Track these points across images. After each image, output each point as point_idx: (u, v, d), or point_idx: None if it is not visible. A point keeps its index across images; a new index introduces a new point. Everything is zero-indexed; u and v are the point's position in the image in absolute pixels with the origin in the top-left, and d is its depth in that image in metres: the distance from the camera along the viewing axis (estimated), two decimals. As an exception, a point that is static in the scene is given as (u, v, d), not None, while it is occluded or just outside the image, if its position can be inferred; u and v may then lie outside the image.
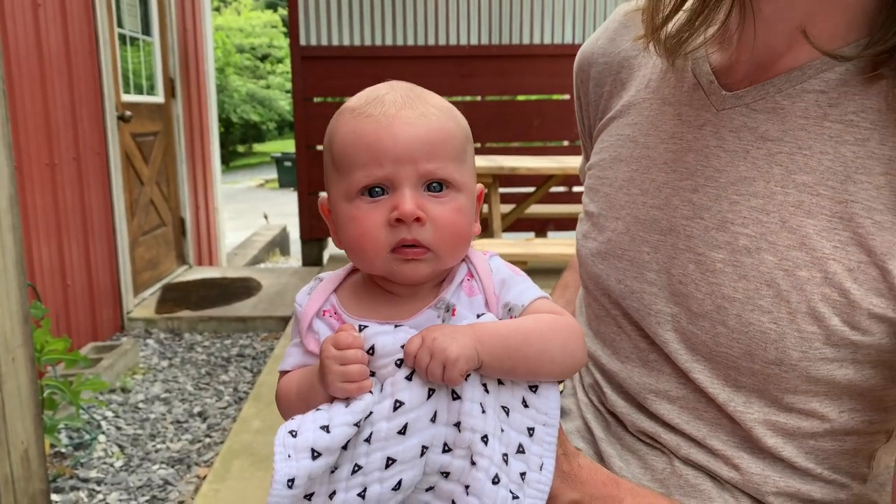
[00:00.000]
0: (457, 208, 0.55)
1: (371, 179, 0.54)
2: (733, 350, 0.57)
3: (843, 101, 0.55)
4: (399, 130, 0.53)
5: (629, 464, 0.65)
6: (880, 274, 0.52)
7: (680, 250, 0.61)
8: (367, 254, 0.55)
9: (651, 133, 0.66)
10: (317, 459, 0.49)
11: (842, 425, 0.57)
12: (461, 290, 0.57)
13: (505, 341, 0.52)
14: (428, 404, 0.51)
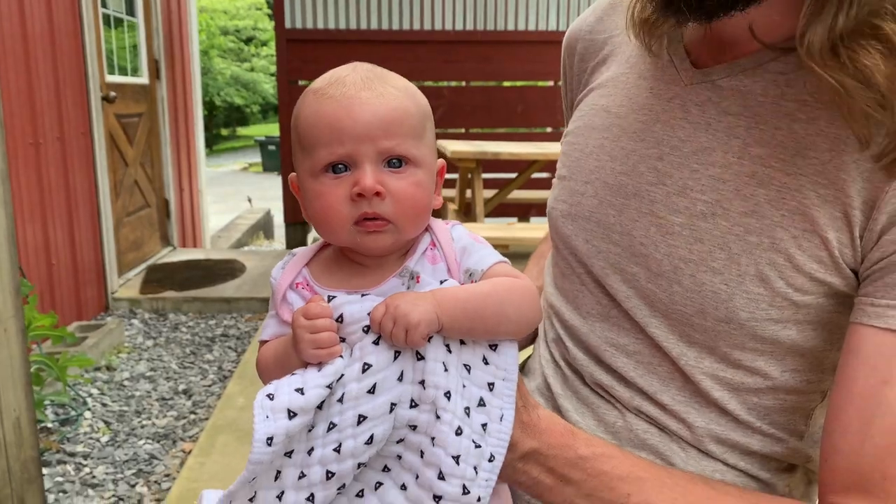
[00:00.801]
0: (415, 182, 0.59)
1: (333, 157, 0.58)
2: (687, 308, 0.62)
3: (799, 82, 0.60)
4: (358, 110, 0.57)
5: (584, 416, 0.71)
6: (821, 242, 0.57)
7: (643, 213, 0.66)
8: (331, 226, 0.59)
9: (624, 104, 0.71)
10: (293, 419, 0.54)
11: (783, 384, 0.63)
12: (424, 258, 0.61)
13: (464, 305, 0.57)
14: (394, 365, 0.56)
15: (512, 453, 0.60)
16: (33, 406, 1.36)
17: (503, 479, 0.62)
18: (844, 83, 0.52)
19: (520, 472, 0.61)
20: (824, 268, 0.57)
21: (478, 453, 0.57)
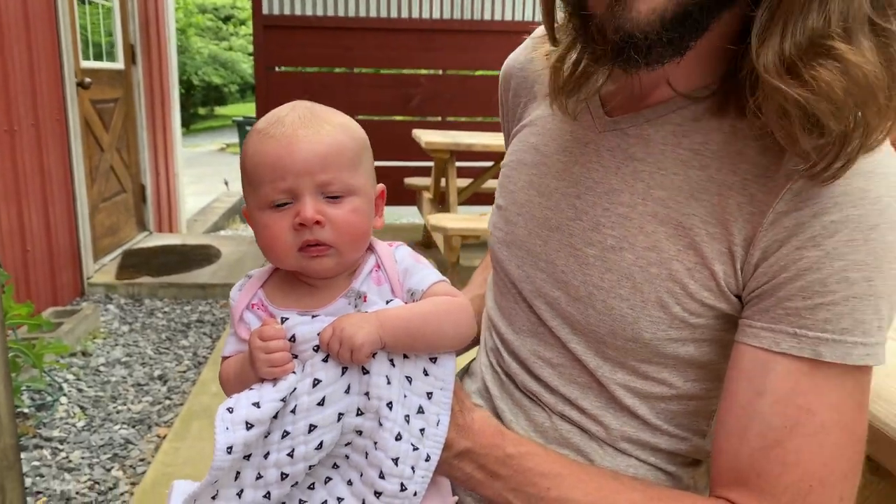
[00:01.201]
0: (353, 210, 0.66)
1: (277, 192, 0.65)
2: (600, 328, 0.71)
3: (694, 133, 0.68)
4: (296, 148, 0.64)
5: (517, 417, 0.79)
6: (710, 274, 0.65)
7: (563, 245, 0.74)
8: (278, 254, 0.66)
9: (549, 144, 0.79)
10: (250, 430, 0.61)
11: (685, 392, 0.72)
12: (370, 279, 0.69)
13: (405, 324, 0.64)
14: (342, 380, 0.63)
15: (448, 452, 0.68)
16: (12, 395, 1.42)
17: (440, 474, 0.70)
18: (807, 99, 0.56)
19: (455, 468, 0.70)
20: (713, 295, 0.66)
21: (415, 455, 0.65)
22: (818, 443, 0.61)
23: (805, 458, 0.61)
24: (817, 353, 0.60)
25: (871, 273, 0.59)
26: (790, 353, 0.61)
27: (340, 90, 5.28)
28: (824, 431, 0.61)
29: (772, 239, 0.61)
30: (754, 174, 0.63)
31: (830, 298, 0.59)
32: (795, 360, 0.61)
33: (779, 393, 0.62)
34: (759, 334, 0.63)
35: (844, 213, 0.59)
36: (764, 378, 0.62)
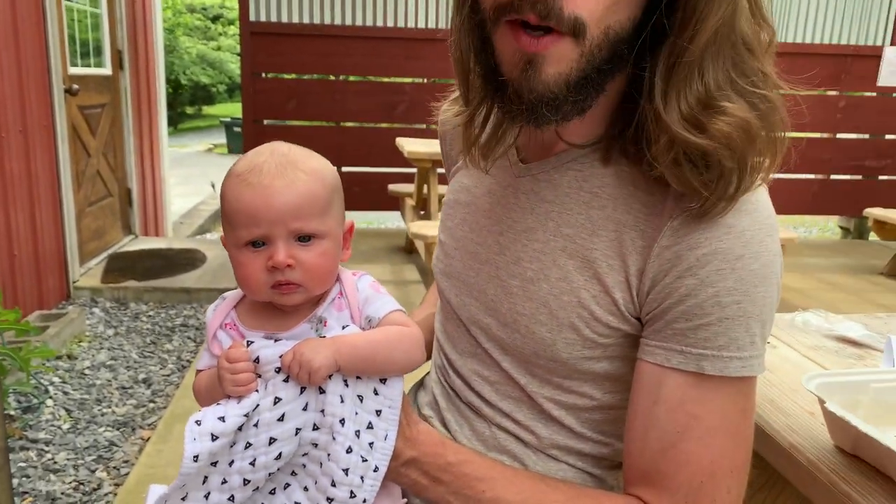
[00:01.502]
0: (321, 252, 0.74)
1: (252, 236, 0.72)
2: (525, 350, 0.80)
3: (592, 178, 0.77)
4: (272, 199, 0.71)
5: (462, 427, 0.88)
6: (612, 301, 0.74)
7: (492, 277, 0.83)
8: (251, 289, 0.75)
9: (479, 187, 0.88)
10: (215, 441, 0.69)
11: (605, 402, 0.81)
12: (332, 306, 0.77)
13: (359, 351, 0.72)
14: (300, 398, 0.72)
15: (396, 461, 0.77)
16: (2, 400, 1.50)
17: (390, 481, 0.79)
18: (711, 146, 0.66)
19: (402, 475, 0.78)
20: (617, 319, 0.75)
21: (365, 466, 0.74)
22: (706, 444, 0.71)
23: (695, 457, 0.71)
24: (700, 367, 0.70)
25: (740, 297, 0.68)
26: (679, 367, 0.71)
27: (326, 97, 5.36)
28: (710, 434, 0.71)
29: (658, 269, 0.71)
30: (644, 213, 0.73)
31: (707, 320, 0.69)
32: (683, 374, 0.71)
33: (671, 402, 0.71)
34: (653, 352, 0.73)
35: (714, 247, 0.69)
36: (659, 390, 0.72)
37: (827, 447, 0.82)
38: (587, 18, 0.64)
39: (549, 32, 0.64)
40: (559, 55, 0.65)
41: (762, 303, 0.70)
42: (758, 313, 0.70)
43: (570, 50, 0.65)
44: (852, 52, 5.76)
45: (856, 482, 0.75)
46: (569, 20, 0.63)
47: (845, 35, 5.76)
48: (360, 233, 5.83)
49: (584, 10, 0.63)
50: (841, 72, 5.78)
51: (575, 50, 0.65)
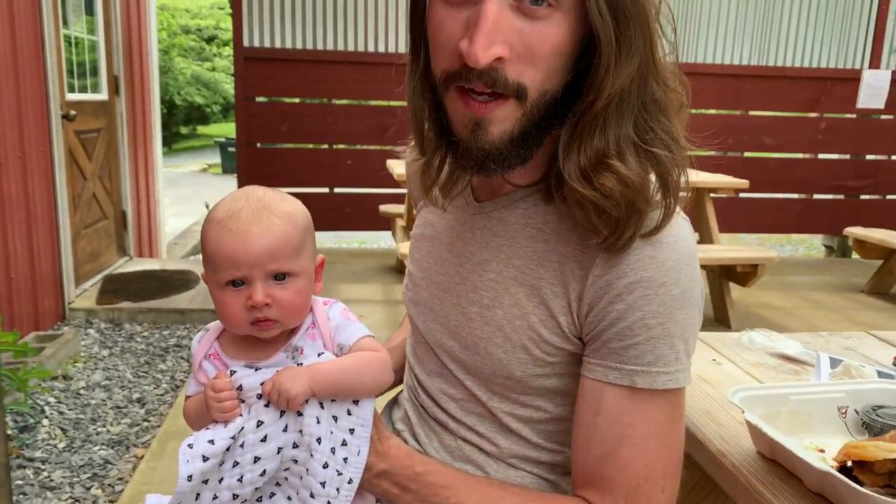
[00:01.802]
0: (295, 290, 0.83)
1: (232, 277, 0.81)
2: (484, 370, 0.89)
3: (536, 215, 0.87)
4: (250, 244, 0.79)
5: (431, 440, 0.97)
6: (557, 324, 0.84)
7: (454, 304, 0.93)
8: (233, 326, 0.84)
9: (441, 223, 0.98)
10: (206, 462, 0.77)
11: (558, 414, 0.90)
12: (306, 336, 0.85)
13: (332, 377, 0.81)
14: (281, 421, 0.80)
15: (369, 473, 0.86)
16: (4, 419, 1.58)
17: (364, 491, 0.88)
18: (597, 197, 0.77)
19: (375, 486, 0.87)
20: (562, 340, 0.85)
21: (340, 479, 0.82)
22: (641, 450, 0.80)
23: (632, 462, 0.80)
24: (633, 381, 0.79)
25: (664, 319, 0.78)
26: (615, 382, 0.80)
27: (318, 120, 5.47)
28: (645, 441, 0.80)
29: (593, 296, 0.81)
30: (581, 246, 0.83)
31: (636, 340, 0.79)
32: (619, 388, 0.80)
33: (609, 413, 0.81)
34: (593, 369, 0.82)
35: (639, 275, 0.78)
36: (599, 402, 0.82)
37: (750, 453, 0.92)
38: (529, 84, 0.74)
39: (494, 97, 0.75)
40: (503, 116, 0.76)
41: (684, 323, 0.80)
42: (680, 332, 0.79)
43: (514, 110, 0.76)
44: (832, 75, 5.92)
45: (771, 483, 0.85)
46: (513, 85, 0.74)
47: (825, 59, 5.92)
48: (353, 253, 5.93)
49: (525, 77, 0.74)
50: (821, 94, 5.93)
51: (518, 110, 0.76)
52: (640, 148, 0.78)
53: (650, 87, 0.78)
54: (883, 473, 0.76)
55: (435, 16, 0.77)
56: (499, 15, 0.71)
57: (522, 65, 0.73)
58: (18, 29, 3.40)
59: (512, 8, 0.72)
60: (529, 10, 0.72)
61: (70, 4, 4.12)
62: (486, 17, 0.71)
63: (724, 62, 5.82)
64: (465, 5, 0.74)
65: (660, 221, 0.79)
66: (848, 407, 0.94)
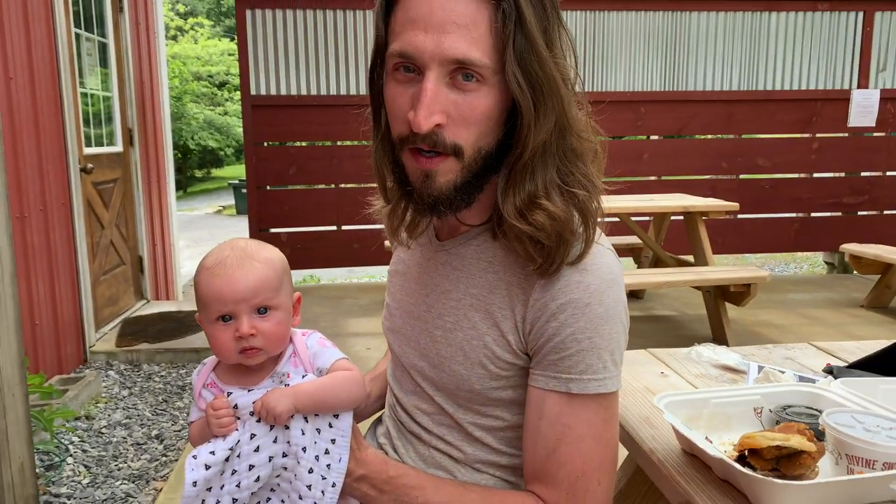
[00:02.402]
0: (276, 322, 0.98)
1: (221, 313, 0.95)
2: (449, 385, 1.03)
3: (486, 250, 1.02)
4: (235, 285, 0.94)
5: (408, 450, 1.11)
6: (507, 343, 0.98)
7: (422, 330, 1.07)
8: (224, 356, 0.98)
9: (411, 259, 1.14)
10: (208, 470, 0.92)
11: (515, 422, 1.03)
12: (290, 363, 1.00)
13: (312, 395, 0.95)
14: (271, 433, 0.95)
15: (349, 478, 0.99)
16: (33, 454, 1.74)
17: (346, 494, 1.03)
18: (532, 231, 0.92)
19: (355, 489, 1.01)
20: (512, 356, 0.99)
21: (324, 483, 0.96)
22: (577, 448, 0.94)
23: (570, 458, 0.95)
24: (568, 388, 0.94)
25: (591, 334, 0.93)
26: (554, 389, 0.95)
27: (324, 162, 5.69)
28: (580, 440, 0.94)
29: (533, 316, 0.96)
30: (523, 275, 0.98)
31: (568, 353, 0.93)
32: (557, 394, 0.95)
33: (550, 417, 0.95)
34: (536, 379, 0.97)
35: (568, 297, 0.93)
36: (541, 407, 0.96)
37: (676, 451, 1.06)
38: (463, 144, 0.91)
39: (437, 155, 0.91)
40: (446, 169, 0.92)
41: (609, 337, 0.94)
42: (606, 345, 0.94)
43: (454, 165, 0.92)
44: (821, 96, 6.07)
45: (687, 474, 0.99)
46: (450, 145, 0.91)
47: (813, 80, 6.08)
48: (361, 287, 6.09)
49: (460, 138, 0.91)
50: (812, 115, 6.08)
51: (457, 165, 0.92)
52: (563, 189, 0.95)
53: (567, 139, 0.94)
54: (770, 459, 0.89)
55: (389, 92, 0.94)
56: (436, 91, 0.88)
57: (457, 128, 0.90)
58: (38, 89, 3.64)
59: (447, 84, 0.89)
60: (461, 84, 0.89)
61: (85, 61, 4.38)
62: (426, 93, 0.88)
63: (714, 88, 5.99)
64: (412, 83, 0.90)
65: (583, 249, 0.95)
66: (763, 407, 1.08)
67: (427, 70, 0.88)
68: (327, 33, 5.56)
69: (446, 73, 0.88)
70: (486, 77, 0.88)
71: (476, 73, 0.88)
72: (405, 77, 0.91)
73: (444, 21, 0.86)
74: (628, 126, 5.98)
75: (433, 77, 0.87)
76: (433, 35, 0.86)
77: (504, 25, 0.86)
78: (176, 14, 21.76)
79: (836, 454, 0.93)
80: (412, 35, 0.88)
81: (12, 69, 3.38)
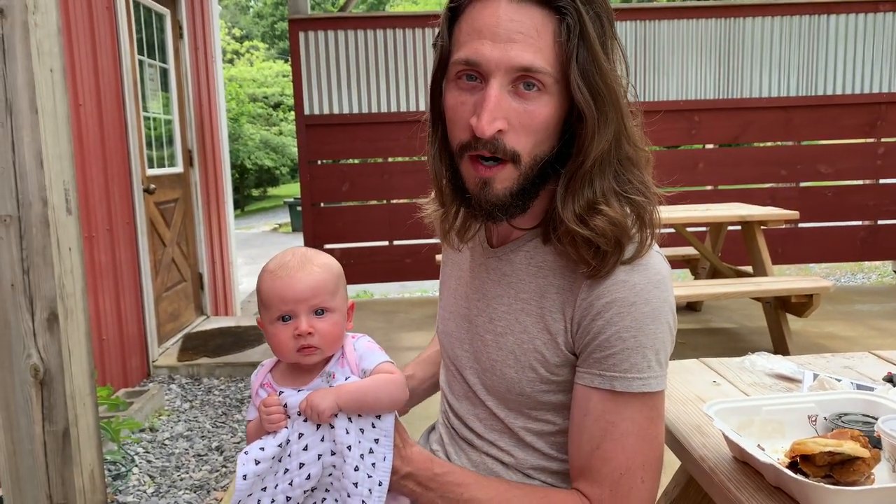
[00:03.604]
0: (332, 323, 1.01)
1: (282, 312, 1.00)
2: (500, 388, 1.05)
3: (537, 255, 1.03)
4: (296, 285, 0.99)
5: (460, 456, 1.13)
6: (556, 345, 0.99)
7: (474, 333, 1.09)
8: (283, 353, 1.02)
9: (464, 264, 1.16)
10: (258, 465, 0.96)
11: (566, 426, 1.03)
12: (337, 364, 1.03)
13: (354, 396, 0.98)
14: (318, 432, 0.98)
15: (395, 475, 1.01)
16: (102, 462, 1.82)
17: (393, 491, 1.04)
18: (590, 235, 0.94)
19: (402, 486, 1.03)
20: (563, 358, 1.00)
21: (370, 481, 0.99)
22: (621, 445, 0.95)
23: (614, 455, 0.95)
24: (612, 386, 0.94)
25: (636, 333, 0.93)
26: (599, 387, 0.95)
27: (376, 178, 5.77)
28: (624, 437, 0.95)
29: (580, 315, 0.97)
30: (572, 277, 0.99)
31: (613, 351, 0.94)
32: (602, 392, 0.95)
33: (595, 413, 0.96)
34: (582, 377, 0.98)
35: (613, 296, 0.94)
36: (587, 404, 0.97)
37: (727, 458, 1.04)
38: (521, 151, 0.94)
39: (497, 162, 0.94)
40: (504, 177, 0.95)
41: (654, 336, 0.95)
42: (651, 344, 0.94)
43: (511, 172, 0.95)
44: (886, 99, 5.87)
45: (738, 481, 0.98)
46: (510, 152, 0.93)
47: (876, 84, 5.89)
48: (412, 302, 6.14)
49: (518, 145, 0.93)
50: (876, 119, 5.89)
51: (515, 172, 0.95)
52: (621, 195, 0.97)
53: (623, 147, 0.96)
54: (823, 465, 0.87)
55: (451, 99, 0.97)
56: (500, 97, 0.91)
57: (517, 135, 0.93)
58: (105, 115, 3.81)
59: (510, 93, 0.92)
60: (523, 93, 0.92)
61: (148, 86, 4.56)
62: (490, 99, 0.91)
63: (770, 95, 5.86)
64: (474, 91, 0.94)
65: (635, 252, 0.96)
66: (818, 415, 1.06)
67: (491, 78, 0.91)
68: (377, 53, 5.66)
69: (509, 81, 0.91)
70: (547, 86, 0.92)
71: (538, 81, 0.91)
72: (468, 85, 0.94)
73: (511, 31, 0.90)
74: (682, 135, 5.90)
75: (497, 84, 0.91)
76: (500, 44, 0.90)
77: (568, 39, 0.90)
78: (232, 38, 22.46)
79: (892, 461, 0.91)
80: (478, 44, 0.91)
81: (81, 97, 3.55)
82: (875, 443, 0.95)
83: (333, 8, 22.18)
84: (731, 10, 5.78)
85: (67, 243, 1.68)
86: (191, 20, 5.25)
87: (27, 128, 1.55)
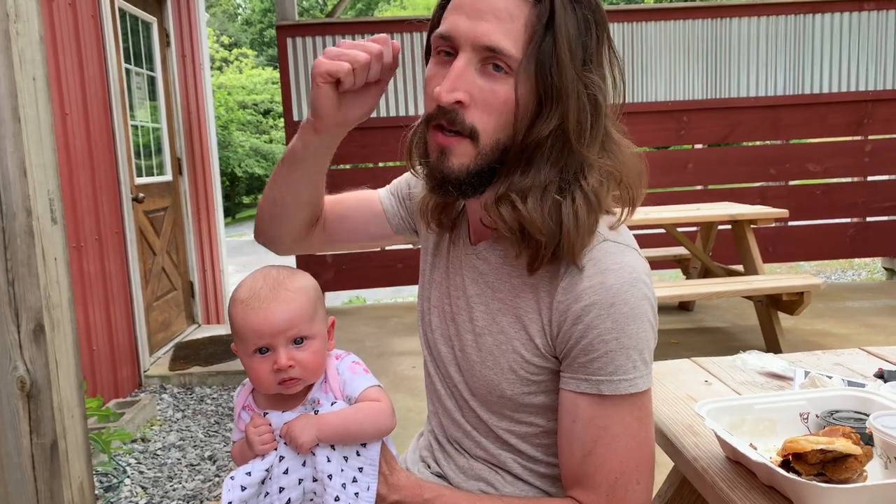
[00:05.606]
0: (313, 351, 0.97)
1: (258, 345, 0.96)
2: (482, 390, 1.04)
3: (511, 254, 1.01)
4: (271, 318, 0.94)
5: (449, 463, 1.12)
6: (535, 346, 0.98)
7: (455, 332, 1.08)
8: (263, 388, 0.99)
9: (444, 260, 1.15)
10: (244, 490, 0.94)
11: (549, 428, 1.03)
12: (321, 389, 1.00)
13: (336, 427, 0.95)
14: (299, 457, 0.96)
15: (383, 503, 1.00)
16: (92, 474, 1.80)
17: None
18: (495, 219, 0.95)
19: None
20: (541, 359, 0.99)
21: None
22: (614, 449, 0.94)
23: (607, 460, 0.94)
24: (600, 389, 0.93)
25: (618, 334, 0.92)
26: (586, 392, 0.94)
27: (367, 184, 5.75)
28: (616, 440, 0.94)
29: (559, 319, 0.96)
30: (548, 277, 0.98)
31: (597, 354, 0.93)
32: (590, 396, 0.94)
33: (584, 419, 0.95)
34: (568, 382, 0.97)
35: (592, 300, 0.93)
36: (575, 410, 0.96)
37: (720, 458, 1.04)
38: (481, 129, 0.93)
39: (455, 135, 0.94)
40: (461, 151, 0.94)
41: (636, 336, 0.94)
42: (634, 344, 0.93)
43: (469, 148, 0.94)
44: (872, 97, 5.90)
45: (731, 480, 0.97)
46: (468, 126, 0.93)
47: (863, 82, 5.92)
48: (405, 306, 6.12)
49: (478, 122, 0.93)
50: (863, 117, 5.92)
51: (472, 149, 0.94)
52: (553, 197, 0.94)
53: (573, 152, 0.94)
54: (815, 463, 0.87)
55: (427, 73, 0.98)
56: (464, 70, 0.92)
57: (477, 111, 0.93)
58: (92, 124, 3.79)
59: (478, 70, 0.92)
60: (490, 73, 0.92)
61: (135, 95, 4.54)
62: (453, 69, 0.92)
63: (758, 94, 5.89)
64: (446, 66, 0.94)
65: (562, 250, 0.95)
66: (809, 413, 1.05)
67: (461, 51, 0.92)
68: (366, 57, 5.65)
69: (478, 59, 0.92)
70: (513, 70, 0.91)
71: (504, 64, 0.91)
72: (443, 60, 0.95)
73: (485, 10, 0.91)
74: (671, 136, 5.91)
75: (464, 58, 0.92)
76: (473, 21, 0.91)
77: (536, 25, 0.90)
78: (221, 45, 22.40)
79: (885, 458, 0.91)
80: (455, 18, 0.93)
81: (68, 106, 3.53)
82: (867, 439, 0.95)
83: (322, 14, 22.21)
84: (718, 11, 5.80)
85: (53, 253, 1.66)
86: (178, 28, 5.23)
87: (10, 137, 1.53)
